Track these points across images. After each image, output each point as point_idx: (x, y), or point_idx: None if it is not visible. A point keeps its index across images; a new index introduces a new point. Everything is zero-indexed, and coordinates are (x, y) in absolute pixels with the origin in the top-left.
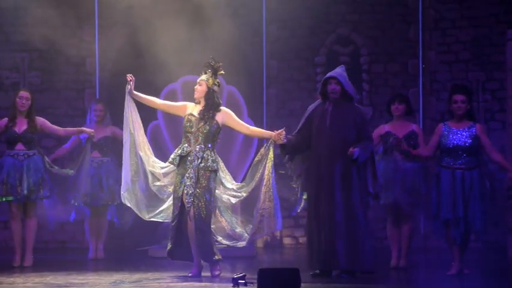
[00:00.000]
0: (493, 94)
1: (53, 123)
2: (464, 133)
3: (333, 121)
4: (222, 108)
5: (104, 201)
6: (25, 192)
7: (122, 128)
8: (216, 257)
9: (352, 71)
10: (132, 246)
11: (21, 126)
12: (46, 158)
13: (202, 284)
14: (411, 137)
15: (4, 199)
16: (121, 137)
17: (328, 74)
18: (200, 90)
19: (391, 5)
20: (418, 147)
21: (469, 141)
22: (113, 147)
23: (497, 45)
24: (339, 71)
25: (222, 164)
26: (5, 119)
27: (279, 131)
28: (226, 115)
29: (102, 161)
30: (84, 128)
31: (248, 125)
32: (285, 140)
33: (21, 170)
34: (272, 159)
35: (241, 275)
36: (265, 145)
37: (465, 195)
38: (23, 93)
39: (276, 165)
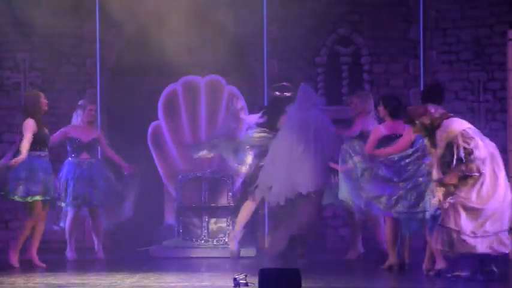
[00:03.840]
0: (494, 94)
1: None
2: None
3: None
4: None
5: (97, 202)
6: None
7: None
8: None
9: (353, 71)
10: (132, 246)
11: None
12: None
13: (203, 284)
14: None
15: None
16: (104, 144)
17: None
18: None
19: (392, 5)
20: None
21: None
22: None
23: (498, 45)
24: None
25: None
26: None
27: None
28: None
29: (91, 163)
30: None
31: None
32: None
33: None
34: None
35: (242, 275)
36: None
37: None
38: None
39: None
